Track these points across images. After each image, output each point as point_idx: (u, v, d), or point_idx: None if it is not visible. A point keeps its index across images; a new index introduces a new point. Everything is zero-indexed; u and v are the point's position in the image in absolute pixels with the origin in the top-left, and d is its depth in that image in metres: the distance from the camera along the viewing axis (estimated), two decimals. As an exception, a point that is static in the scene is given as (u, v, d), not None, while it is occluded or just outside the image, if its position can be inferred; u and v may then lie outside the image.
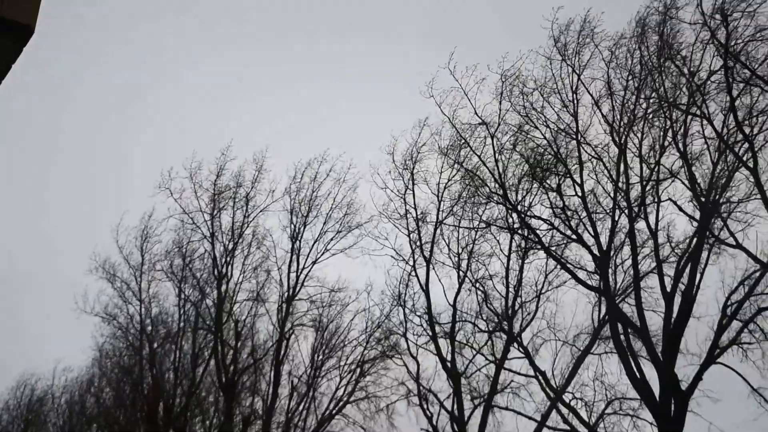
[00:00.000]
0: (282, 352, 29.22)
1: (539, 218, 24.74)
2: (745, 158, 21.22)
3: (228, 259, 31.05)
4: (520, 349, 25.61)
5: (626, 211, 23.05)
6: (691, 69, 21.68)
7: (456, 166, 26.27)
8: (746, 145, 21.41)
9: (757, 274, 22.58)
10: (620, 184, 23.18)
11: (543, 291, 26.67)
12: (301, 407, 28.80)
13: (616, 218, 23.66)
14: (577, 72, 23.49)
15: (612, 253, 23.85)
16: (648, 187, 23.08)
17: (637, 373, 22.68)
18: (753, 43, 20.29)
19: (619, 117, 23.47)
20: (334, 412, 28.82)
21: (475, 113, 24.18)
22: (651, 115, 22.87)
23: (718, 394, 23.41)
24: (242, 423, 29.05)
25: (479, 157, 24.79)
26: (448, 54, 24.28)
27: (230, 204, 31.63)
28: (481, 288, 27.02)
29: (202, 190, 31.90)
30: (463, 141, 24.96)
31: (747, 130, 21.71)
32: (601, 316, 25.30)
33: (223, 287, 30.80)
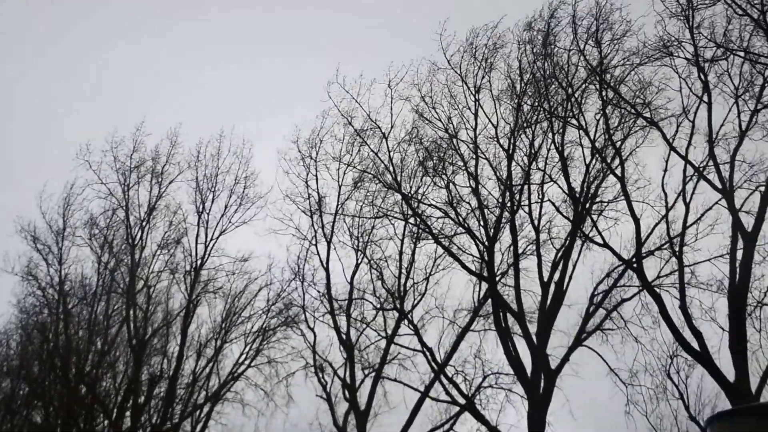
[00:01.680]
0: (190, 318, 29.76)
1: (434, 206, 25.61)
2: (614, 165, 22.59)
3: (142, 228, 31.55)
4: (410, 326, 26.33)
5: (509, 206, 24.19)
6: (572, 83, 22.88)
7: (353, 161, 27.37)
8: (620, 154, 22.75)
9: (620, 269, 24.19)
10: (507, 183, 24.22)
11: (432, 273, 27.59)
12: (206, 369, 29.45)
13: (504, 213, 24.65)
14: (466, 81, 24.56)
15: (497, 242, 24.92)
16: (532, 186, 24.35)
17: (513, 352, 23.80)
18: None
19: (514, 120, 24.64)
20: (236, 375, 29.53)
21: (368, 117, 25.31)
22: (535, 121, 24.02)
23: (583, 373, 24.96)
24: (149, 381, 29.42)
25: (376, 154, 25.61)
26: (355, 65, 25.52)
27: (147, 178, 32.21)
28: (376, 268, 27.75)
29: (119, 163, 32.50)
30: (361, 140, 25.93)
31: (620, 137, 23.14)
32: (481, 296, 26.18)
33: (138, 255, 31.24)
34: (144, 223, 31.83)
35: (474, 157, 24.51)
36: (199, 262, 30.79)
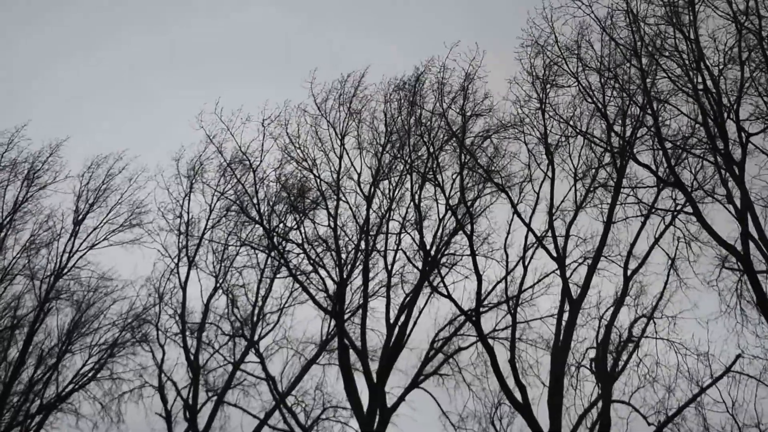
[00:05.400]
0: (38, 324, 27.01)
1: (293, 242, 24.72)
2: (465, 223, 22.49)
3: (2, 227, 28.55)
4: (257, 355, 25.15)
5: (363, 248, 23.59)
6: (433, 142, 22.72)
7: (227, 190, 26.31)
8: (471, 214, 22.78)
9: (461, 319, 24.05)
10: (364, 227, 23.65)
11: (286, 305, 26.60)
12: (44, 378, 26.71)
13: (358, 255, 23.98)
14: (335, 128, 23.98)
15: (349, 282, 24.20)
16: (389, 233, 23.91)
17: (353, 387, 23.06)
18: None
19: (376, 169, 24.21)
20: (77, 387, 26.97)
21: (240, 149, 24.03)
22: (398, 173, 23.79)
23: (417, 414, 24.48)
24: (-19, 386, 26.30)
25: (243, 186, 24.38)
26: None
27: (19, 180, 29.30)
28: (232, 295, 26.37)
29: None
30: (230, 171, 24.90)
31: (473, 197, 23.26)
32: (329, 331, 25.35)
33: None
34: (6, 222, 28.93)
35: (335, 198, 23.93)
36: (60, 270, 28.19)
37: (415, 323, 23.40)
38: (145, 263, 32.12)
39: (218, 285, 26.68)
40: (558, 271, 21.44)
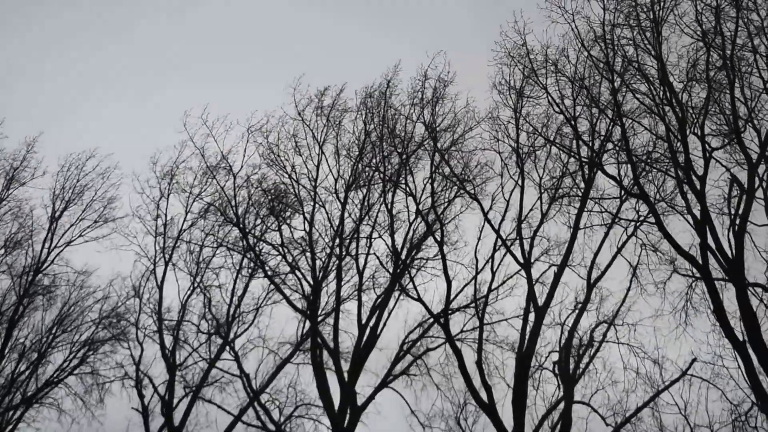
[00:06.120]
0: (18, 319, 27.13)
1: (270, 244, 25.08)
2: (435, 229, 22.99)
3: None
4: (232, 353, 25.52)
5: (338, 252, 24.04)
6: (406, 150, 23.29)
7: (203, 192, 26.62)
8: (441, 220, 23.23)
9: (431, 321, 24.50)
10: (338, 232, 24.08)
11: (262, 305, 26.87)
12: (27, 372, 26.93)
13: (332, 258, 24.41)
14: (315, 135, 24.54)
15: (323, 284, 24.61)
16: (362, 237, 24.35)
17: (325, 386, 23.29)
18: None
19: (351, 176, 24.62)
20: (57, 381, 27.18)
21: (222, 155, 24.52)
22: (370, 182, 24.21)
23: (387, 413, 24.92)
24: (-38, 378, 26.49)
25: (222, 189, 24.71)
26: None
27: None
28: (208, 294, 26.69)
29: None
30: (210, 174, 25.25)
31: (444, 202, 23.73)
32: (304, 332, 25.64)
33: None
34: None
35: (312, 203, 24.31)
36: (38, 265, 28.31)
37: (385, 325, 23.88)
38: (124, 263, 32.30)
39: (195, 284, 26.95)
40: (524, 273, 21.85)
